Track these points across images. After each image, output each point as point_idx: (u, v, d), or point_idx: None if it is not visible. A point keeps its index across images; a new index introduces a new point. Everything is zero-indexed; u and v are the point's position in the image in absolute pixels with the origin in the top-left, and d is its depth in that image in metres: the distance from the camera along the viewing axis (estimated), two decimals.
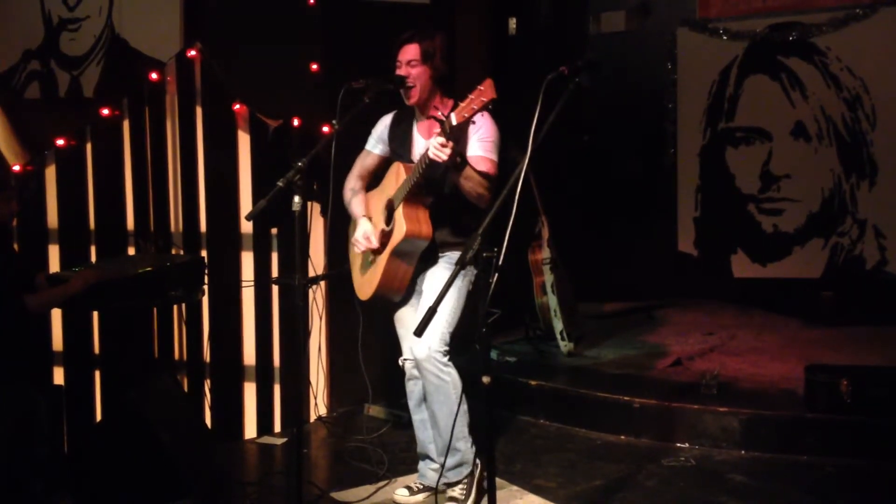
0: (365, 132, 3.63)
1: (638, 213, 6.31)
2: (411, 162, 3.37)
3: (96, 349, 4.54)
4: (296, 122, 4.41)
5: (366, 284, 3.50)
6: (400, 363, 3.56)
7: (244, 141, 4.48)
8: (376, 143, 3.56)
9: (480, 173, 3.17)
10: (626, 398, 4.29)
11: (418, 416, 3.56)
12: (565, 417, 4.42)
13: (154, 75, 4.45)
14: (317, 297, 4.52)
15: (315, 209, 4.52)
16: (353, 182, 3.57)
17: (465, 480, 3.40)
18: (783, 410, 4.08)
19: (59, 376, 4.53)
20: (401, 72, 3.31)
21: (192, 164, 4.49)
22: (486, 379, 2.68)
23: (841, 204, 5.90)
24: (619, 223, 6.30)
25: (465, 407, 3.33)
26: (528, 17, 6.15)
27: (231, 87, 4.41)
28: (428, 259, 3.39)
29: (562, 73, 3.20)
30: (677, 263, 6.29)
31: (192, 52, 4.41)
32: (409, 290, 3.47)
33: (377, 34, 4.66)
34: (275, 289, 4.50)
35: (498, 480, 3.23)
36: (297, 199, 3.07)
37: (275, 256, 4.50)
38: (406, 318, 3.50)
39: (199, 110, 4.47)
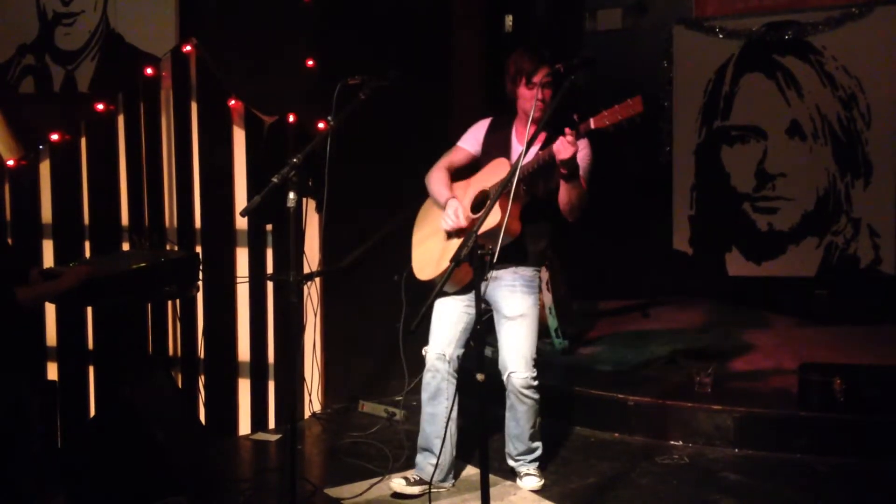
0: (361, 128, 3.63)
1: (633, 211, 6.31)
2: None
3: (90, 345, 4.53)
4: (291, 119, 4.41)
5: (432, 264, 3.55)
6: (423, 352, 3.61)
7: (239, 137, 4.48)
8: (471, 142, 3.64)
9: (584, 190, 3.36)
10: (620, 396, 4.29)
11: (430, 409, 3.59)
12: (559, 415, 4.41)
13: (149, 70, 4.44)
14: (311, 294, 4.52)
15: (310, 206, 4.51)
16: (438, 171, 3.64)
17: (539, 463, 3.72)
18: (777, 409, 4.09)
19: (52, 372, 4.53)
20: (535, 92, 3.38)
21: (186, 159, 4.48)
22: (480, 376, 2.69)
23: (836, 203, 5.91)
24: (615, 221, 6.30)
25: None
26: (525, 15, 6.15)
27: (226, 82, 4.41)
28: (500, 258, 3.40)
29: (558, 71, 3.21)
30: (672, 261, 6.30)
31: (188, 48, 4.40)
32: (468, 285, 3.48)
33: (373, 31, 4.68)
34: (269, 285, 4.49)
35: (492, 477, 3.23)
36: (291, 195, 3.06)
37: (269, 253, 4.49)
38: (451, 315, 3.54)
39: (194, 106, 4.46)
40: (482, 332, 2.69)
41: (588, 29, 6.59)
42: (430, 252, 3.60)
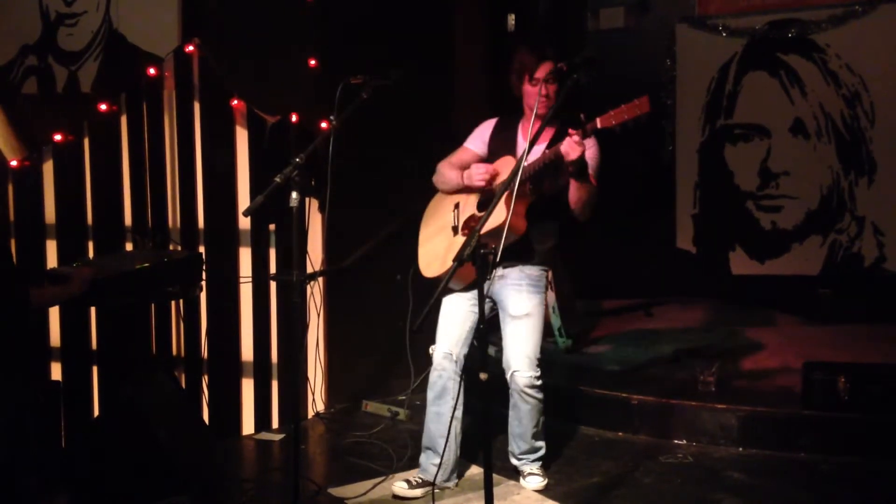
0: (363, 128, 3.62)
1: (636, 210, 6.30)
2: None
3: (94, 345, 4.53)
4: (294, 118, 4.41)
5: (437, 261, 3.54)
6: (430, 351, 3.61)
7: (242, 137, 4.48)
8: (477, 142, 3.63)
9: (593, 186, 3.34)
10: (623, 395, 4.29)
11: (435, 409, 3.59)
12: (563, 414, 4.41)
13: (152, 71, 4.44)
14: (314, 294, 4.52)
15: (313, 205, 4.52)
16: (446, 165, 3.63)
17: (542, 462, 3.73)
18: (781, 408, 4.08)
19: (56, 372, 4.53)
20: (539, 88, 3.36)
21: (189, 159, 4.48)
22: (483, 375, 2.69)
23: (839, 201, 5.90)
24: (618, 220, 6.28)
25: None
26: (527, 14, 6.14)
27: (229, 82, 4.41)
28: (505, 256, 3.39)
29: (560, 70, 3.21)
30: (676, 260, 6.28)
31: (190, 48, 4.40)
32: (473, 282, 3.47)
33: (375, 31, 4.68)
34: (272, 285, 4.49)
35: (495, 476, 3.24)
36: (294, 194, 3.07)
37: (272, 252, 4.50)
38: (458, 313, 3.53)
39: (196, 106, 4.46)
40: (485, 331, 2.69)
41: (590, 27, 6.57)
42: (436, 249, 3.59)
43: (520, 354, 3.49)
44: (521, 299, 3.50)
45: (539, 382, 3.52)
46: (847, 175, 5.88)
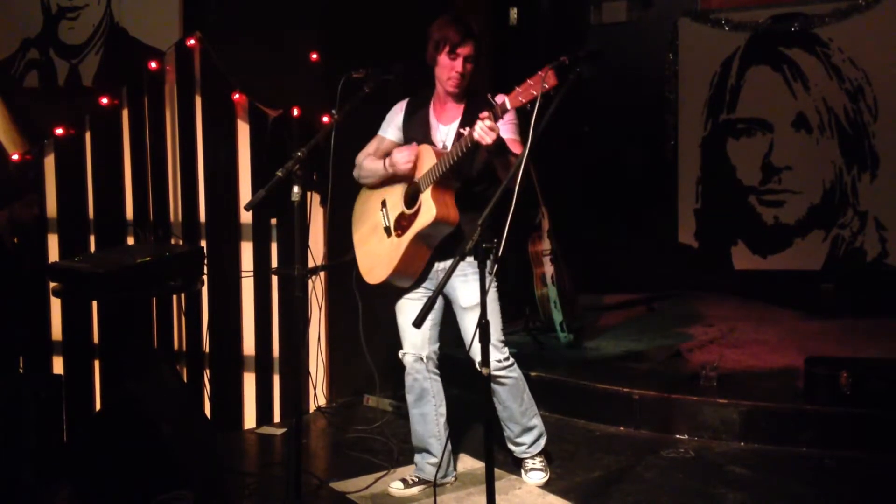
0: (365, 122, 3.61)
1: (638, 205, 6.30)
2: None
3: (96, 339, 4.54)
4: (295, 112, 4.40)
5: (379, 267, 3.45)
6: (399, 356, 3.55)
7: (243, 131, 4.47)
8: (391, 128, 3.53)
9: (516, 157, 3.18)
10: (625, 390, 4.28)
11: (417, 411, 3.56)
12: (565, 409, 4.41)
13: (153, 64, 4.44)
14: (316, 288, 4.52)
15: (314, 199, 4.51)
16: (366, 157, 3.52)
17: (542, 451, 3.64)
18: (782, 402, 4.08)
19: (58, 366, 4.54)
20: (456, 63, 3.31)
21: (191, 153, 4.48)
22: (485, 370, 2.69)
23: (842, 196, 5.90)
24: (620, 214, 6.29)
25: (526, 384, 3.54)
26: (530, 8, 6.13)
27: (230, 76, 4.40)
28: (444, 248, 3.35)
29: (562, 63, 3.19)
30: (678, 255, 6.29)
31: (192, 41, 4.40)
32: (420, 277, 3.44)
33: (377, 24, 4.67)
34: (274, 279, 4.49)
35: (497, 471, 3.24)
36: (296, 189, 3.06)
37: (274, 247, 4.49)
38: (410, 310, 3.47)
39: (198, 100, 4.46)
40: (486, 326, 2.68)
41: (593, 21, 6.57)
42: (375, 253, 3.48)
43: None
44: (469, 289, 3.37)
45: (508, 363, 3.44)
46: (850, 170, 5.87)
